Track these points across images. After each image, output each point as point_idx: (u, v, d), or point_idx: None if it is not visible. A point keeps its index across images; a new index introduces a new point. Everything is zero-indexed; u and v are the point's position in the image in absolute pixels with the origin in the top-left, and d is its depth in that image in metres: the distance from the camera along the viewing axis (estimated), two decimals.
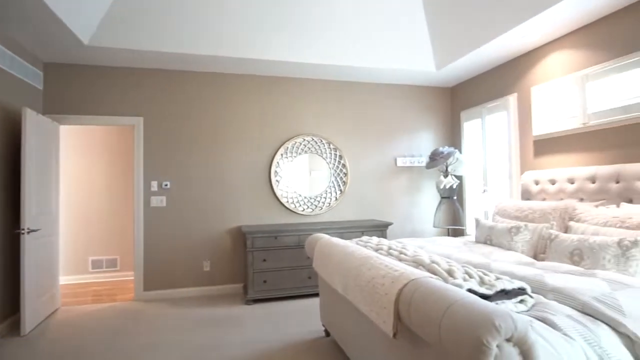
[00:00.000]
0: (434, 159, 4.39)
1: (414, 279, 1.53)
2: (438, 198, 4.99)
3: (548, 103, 3.51)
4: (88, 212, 4.91)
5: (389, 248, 2.38)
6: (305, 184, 4.53)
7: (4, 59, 3.13)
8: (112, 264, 4.95)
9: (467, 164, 4.53)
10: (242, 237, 4.30)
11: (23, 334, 3.04)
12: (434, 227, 4.70)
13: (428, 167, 4.45)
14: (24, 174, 3.10)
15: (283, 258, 3.91)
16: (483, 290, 1.51)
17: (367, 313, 1.76)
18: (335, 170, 4.62)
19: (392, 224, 4.39)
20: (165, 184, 4.10)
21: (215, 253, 4.24)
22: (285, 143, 4.45)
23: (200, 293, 4.18)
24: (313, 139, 4.55)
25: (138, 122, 4.06)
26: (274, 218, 4.43)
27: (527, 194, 3.55)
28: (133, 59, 3.84)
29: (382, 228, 4.24)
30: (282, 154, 4.43)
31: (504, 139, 4.08)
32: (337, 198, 4.61)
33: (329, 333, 2.93)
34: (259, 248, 3.84)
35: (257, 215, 4.37)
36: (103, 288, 4.54)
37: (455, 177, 4.69)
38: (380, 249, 2.38)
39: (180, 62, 3.94)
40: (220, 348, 2.76)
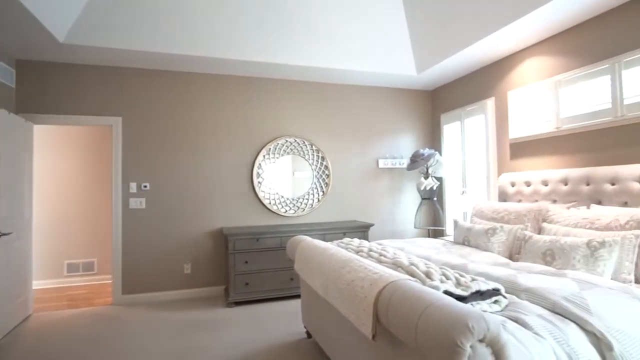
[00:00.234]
0: (415, 161, 4.46)
1: (393, 282, 1.56)
2: (419, 199, 5.07)
3: (524, 107, 3.62)
4: (64, 214, 4.77)
5: (370, 250, 2.41)
6: (288, 186, 4.52)
7: None
8: (89, 267, 4.83)
9: (446, 166, 4.62)
10: (223, 239, 4.27)
11: None
12: (415, 227, 4.78)
13: (409, 168, 4.52)
14: None
15: (265, 260, 3.90)
16: (459, 292, 1.55)
17: (347, 315, 1.78)
18: (318, 172, 4.64)
19: (373, 225, 4.44)
20: (145, 185, 4.03)
21: (196, 255, 4.19)
22: (268, 144, 4.44)
23: (181, 296, 4.12)
24: (296, 140, 4.55)
25: (116, 122, 3.97)
26: (256, 220, 4.41)
27: (503, 196, 3.65)
28: (110, 58, 3.75)
29: (363, 229, 4.28)
30: (264, 155, 4.42)
31: (482, 142, 4.18)
32: (319, 199, 4.63)
33: (311, 335, 2.94)
34: (241, 250, 3.82)
35: (238, 217, 4.34)
36: (79, 292, 4.42)
37: (436, 178, 4.78)
38: (361, 251, 2.41)
39: (158, 62, 3.87)
40: (201, 352, 2.74)
